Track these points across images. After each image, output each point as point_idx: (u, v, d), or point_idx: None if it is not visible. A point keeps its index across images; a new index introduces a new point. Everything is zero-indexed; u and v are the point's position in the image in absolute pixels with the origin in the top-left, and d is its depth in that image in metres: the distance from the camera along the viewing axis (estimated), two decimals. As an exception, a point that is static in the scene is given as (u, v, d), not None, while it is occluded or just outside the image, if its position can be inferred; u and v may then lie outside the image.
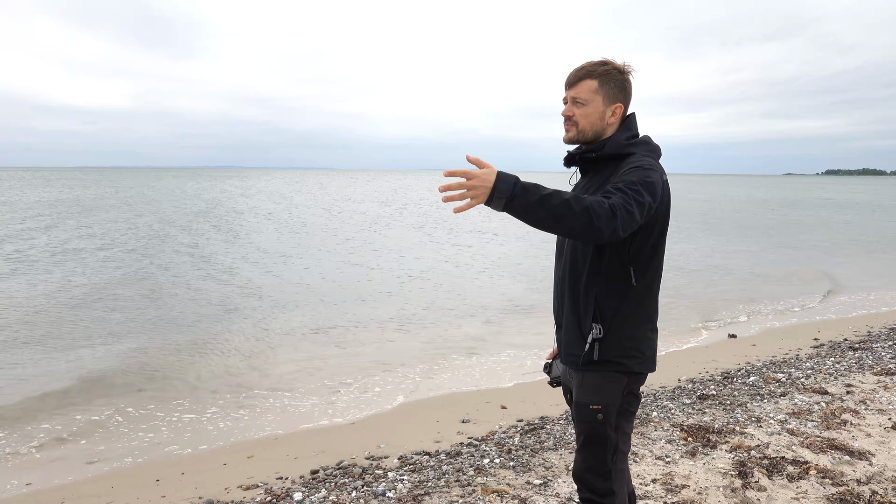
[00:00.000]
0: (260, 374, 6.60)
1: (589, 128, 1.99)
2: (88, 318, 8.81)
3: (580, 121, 1.99)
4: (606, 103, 1.97)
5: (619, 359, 1.94)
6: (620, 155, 1.95)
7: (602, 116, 1.98)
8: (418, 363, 7.04)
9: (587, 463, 2.01)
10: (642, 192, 1.74)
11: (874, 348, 6.71)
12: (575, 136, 2.01)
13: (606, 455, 1.97)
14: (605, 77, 1.96)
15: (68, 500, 3.88)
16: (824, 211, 38.28)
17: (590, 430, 1.98)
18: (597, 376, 1.97)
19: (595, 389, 1.97)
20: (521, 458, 3.92)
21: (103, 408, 5.61)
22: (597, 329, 1.94)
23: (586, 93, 1.96)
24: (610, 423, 1.96)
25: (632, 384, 1.97)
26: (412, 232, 22.48)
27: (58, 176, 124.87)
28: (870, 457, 3.68)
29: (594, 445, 1.98)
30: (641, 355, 1.96)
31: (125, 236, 19.16)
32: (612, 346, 1.94)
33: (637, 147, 1.96)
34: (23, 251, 15.34)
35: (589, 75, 1.96)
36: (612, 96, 1.97)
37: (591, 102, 1.96)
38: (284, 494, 3.63)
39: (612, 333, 1.94)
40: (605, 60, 1.98)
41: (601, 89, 1.96)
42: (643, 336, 1.97)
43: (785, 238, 21.38)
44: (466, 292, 11.20)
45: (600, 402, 1.96)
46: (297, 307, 9.89)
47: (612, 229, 1.63)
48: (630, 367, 1.95)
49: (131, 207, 32.77)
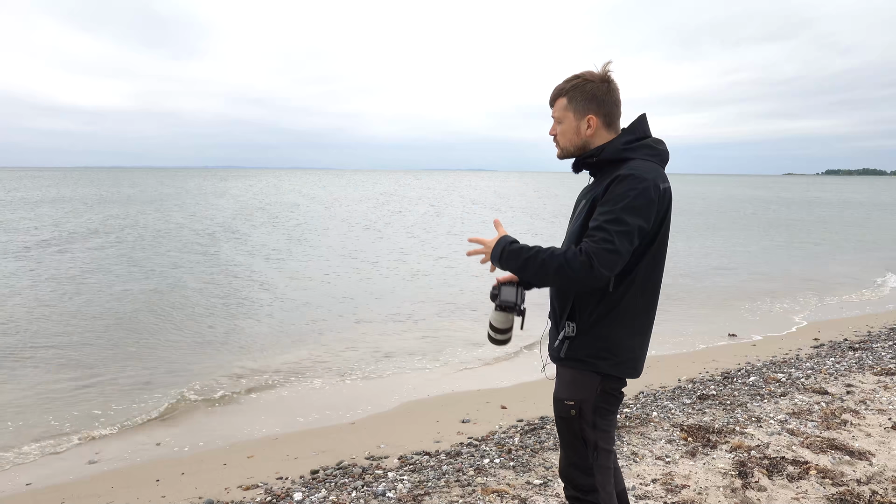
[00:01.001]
0: (260, 374, 6.60)
1: (568, 144, 2.05)
2: (90, 319, 8.81)
3: (560, 139, 2.07)
4: (578, 117, 2.01)
5: (589, 358, 1.96)
6: (618, 160, 1.96)
7: (577, 131, 2.02)
8: (418, 363, 7.04)
9: (569, 459, 2.04)
10: (625, 219, 1.79)
11: (874, 348, 6.71)
12: (559, 152, 2.10)
13: (586, 451, 1.99)
14: (573, 92, 2.01)
15: (68, 500, 3.88)
16: (863, 210, 38.72)
17: (565, 426, 2.02)
18: (571, 372, 2.00)
19: (568, 385, 2.01)
20: (521, 458, 3.92)
21: (103, 408, 5.61)
22: (570, 327, 1.98)
23: (559, 111, 2.04)
24: (585, 419, 1.97)
25: (606, 385, 1.97)
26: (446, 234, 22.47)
27: (65, 175, 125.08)
28: (870, 457, 3.68)
29: (574, 441, 2.01)
30: (614, 357, 1.95)
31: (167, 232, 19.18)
32: (582, 346, 1.96)
33: (636, 152, 1.95)
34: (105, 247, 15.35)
35: (559, 94, 2.04)
36: (581, 109, 2.00)
37: (564, 120, 2.04)
38: (284, 494, 3.63)
39: (584, 333, 1.96)
40: (578, 74, 2.02)
41: (569, 105, 2.02)
42: (618, 340, 1.95)
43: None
44: (466, 293, 11.20)
45: (573, 398, 1.98)
46: (297, 306, 9.90)
47: (592, 276, 1.77)
48: (600, 368, 1.95)
49: (181, 206, 33.28)
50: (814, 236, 22.29)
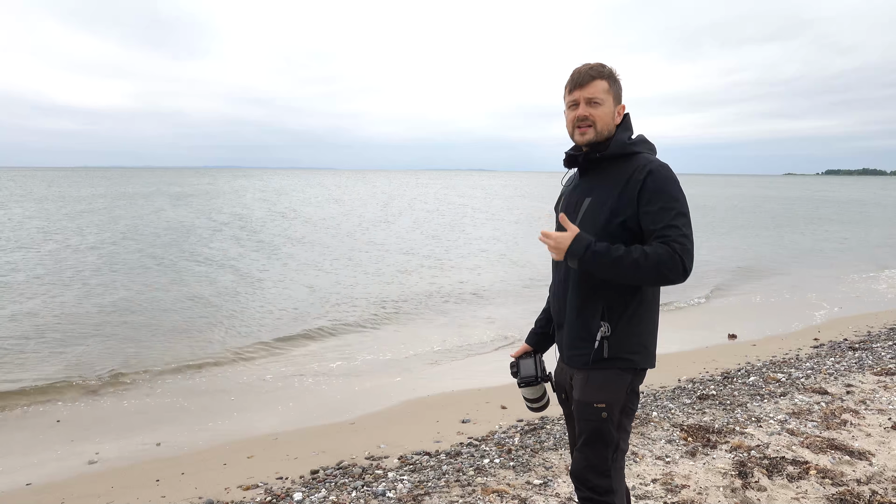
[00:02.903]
0: (259, 374, 6.60)
1: (605, 128, 2.01)
2: (95, 316, 8.82)
3: (597, 121, 1.99)
4: (616, 103, 2.03)
5: (626, 355, 1.98)
6: (625, 154, 1.98)
7: (613, 116, 2.03)
8: (418, 363, 7.04)
9: (588, 461, 2.01)
10: (687, 213, 1.89)
11: (874, 348, 6.71)
12: (593, 136, 2.01)
13: (608, 453, 1.98)
14: (612, 78, 2.02)
15: (68, 500, 3.88)
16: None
17: (593, 429, 1.98)
18: (603, 374, 1.99)
19: (600, 387, 1.99)
20: (521, 458, 3.92)
21: (103, 408, 5.61)
22: (605, 327, 1.97)
23: (601, 93, 1.99)
24: (613, 420, 1.97)
25: (635, 381, 2.01)
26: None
27: (74, 175, 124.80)
28: (870, 457, 3.68)
29: (597, 443, 1.99)
30: (646, 350, 2.01)
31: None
32: (620, 343, 1.97)
33: (640, 146, 2.01)
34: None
35: (600, 75, 2.00)
36: (618, 97, 2.04)
37: (605, 102, 2.00)
38: (284, 494, 3.63)
39: (620, 331, 1.97)
40: (604, 64, 2.03)
41: (611, 89, 2.01)
42: (648, 332, 2.01)
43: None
44: (467, 292, 11.19)
45: (605, 401, 1.97)
46: (297, 306, 9.89)
47: (684, 276, 1.84)
48: (636, 364, 1.99)
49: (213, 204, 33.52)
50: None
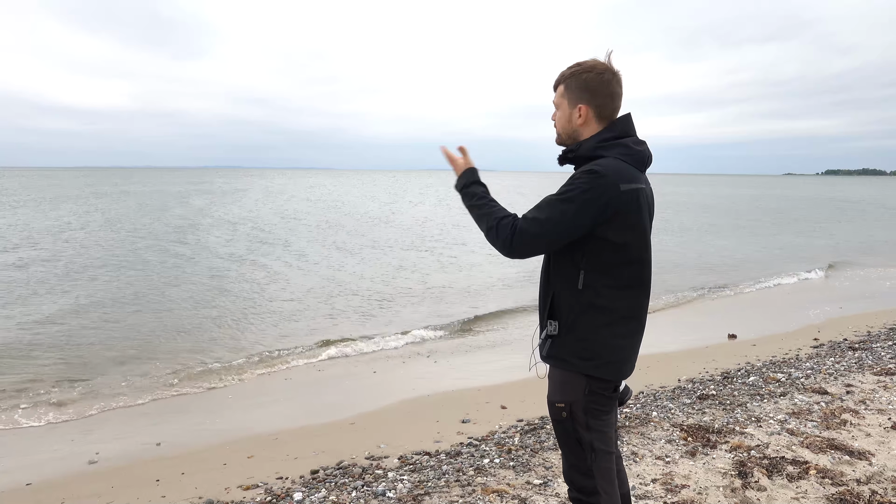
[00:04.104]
0: (259, 374, 6.60)
1: (562, 130, 2.07)
2: (99, 314, 8.82)
3: (556, 124, 2.09)
4: (571, 105, 2.02)
5: (571, 358, 1.93)
6: (590, 157, 1.94)
7: (569, 119, 2.03)
8: (419, 362, 7.04)
9: (569, 461, 2.03)
10: (559, 207, 1.84)
11: (874, 348, 6.71)
12: (557, 139, 2.12)
13: (584, 453, 1.97)
14: (570, 80, 2.01)
15: (68, 500, 3.88)
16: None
17: (562, 429, 2.01)
18: (560, 373, 1.99)
19: (557, 386, 2.00)
20: (521, 458, 3.92)
21: (103, 407, 5.61)
22: (552, 326, 1.97)
23: (557, 97, 2.07)
24: (577, 420, 1.95)
25: (594, 385, 1.93)
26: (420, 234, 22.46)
27: (78, 175, 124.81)
28: (870, 457, 3.68)
29: (569, 443, 2.00)
30: (598, 358, 1.91)
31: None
32: (565, 345, 1.94)
33: (609, 150, 1.92)
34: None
35: (559, 81, 2.06)
36: (574, 98, 2.00)
37: (560, 106, 2.06)
38: (284, 494, 3.63)
39: (567, 332, 1.94)
40: (579, 63, 2.00)
41: (566, 92, 2.03)
42: (602, 341, 1.91)
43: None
44: (466, 292, 11.19)
45: (563, 400, 1.97)
46: (297, 306, 9.89)
47: (510, 251, 1.88)
48: (584, 369, 1.91)
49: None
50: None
